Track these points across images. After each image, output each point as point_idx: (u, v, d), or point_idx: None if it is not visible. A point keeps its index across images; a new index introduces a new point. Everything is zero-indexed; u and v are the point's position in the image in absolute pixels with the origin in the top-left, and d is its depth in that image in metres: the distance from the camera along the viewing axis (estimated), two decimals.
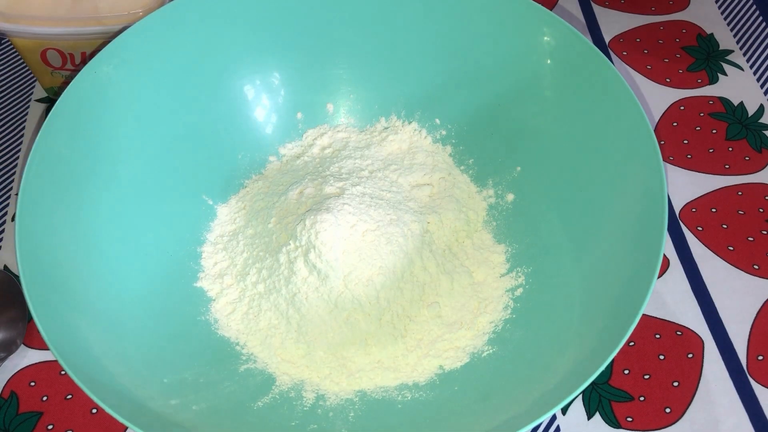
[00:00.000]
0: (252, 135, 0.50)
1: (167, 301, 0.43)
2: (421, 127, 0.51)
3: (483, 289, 0.44)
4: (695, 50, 0.59)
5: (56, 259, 0.38)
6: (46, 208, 0.39)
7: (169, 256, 0.44)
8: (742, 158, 0.53)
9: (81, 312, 0.38)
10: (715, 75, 0.57)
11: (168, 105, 0.46)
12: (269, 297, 0.43)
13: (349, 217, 0.42)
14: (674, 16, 0.61)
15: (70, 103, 0.42)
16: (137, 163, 0.44)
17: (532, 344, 0.40)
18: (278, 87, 0.50)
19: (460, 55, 0.49)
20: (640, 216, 0.39)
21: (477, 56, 0.48)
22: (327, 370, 0.41)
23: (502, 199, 0.48)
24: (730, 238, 0.49)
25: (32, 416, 0.42)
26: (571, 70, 0.45)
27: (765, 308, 0.46)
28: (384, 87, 0.51)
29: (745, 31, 0.60)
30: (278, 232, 0.44)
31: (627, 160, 0.41)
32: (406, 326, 0.42)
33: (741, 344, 0.45)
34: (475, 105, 0.49)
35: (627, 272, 0.38)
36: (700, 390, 0.43)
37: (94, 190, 0.42)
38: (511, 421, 0.34)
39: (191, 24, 0.47)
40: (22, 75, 0.58)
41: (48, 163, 0.40)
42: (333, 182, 0.45)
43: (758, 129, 0.54)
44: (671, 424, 0.42)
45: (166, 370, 0.39)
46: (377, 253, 0.42)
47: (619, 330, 0.35)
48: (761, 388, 0.43)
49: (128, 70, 0.44)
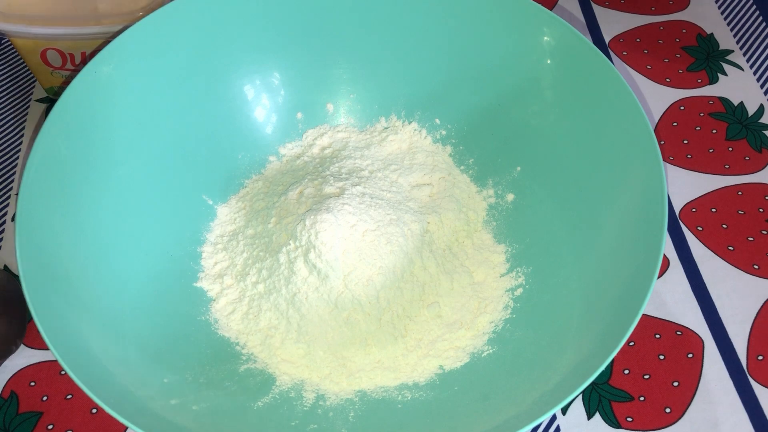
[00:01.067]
0: (252, 135, 0.50)
1: (167, 301, 0.43)
2: (421, 127, 0.51)
3: (483, 289, 0.44)
4: (695, 50, 0.59)
5: (56, 259, 0.38)
6: (46, 209, 0.39)
7: (169, 256, 0.44)
8: (742, 158, 0.53)
9: (81, 312, 0.38)
10: (715, 75, 0.57)
11: (168, 105, 0.46)
12: (269, 297, 0.43)
13: (349, 216, 0.42)
14: (674, 16, 0.61)
15: (70, 103, 0.42)
16: (137, 163, 0.44)
17: (532, 344, 0.40)
18: (278, 87, 0.50)
19: (460, 54, 0.49)
20: (640, 216, 0.39)
21: (477, 56, 0.48)
22: (327, 370, 0.41)
23: (502, 198, 0.48)
24: (730, 238, 0.49)
25: (32, 416, 0.42)
26: (571, 70, 0.45)
27: (765, 308, 0.46)
28: (384, 87, 0.51)
29: (745, 31, 0.60)
30: (278, 232, 0.44)
31: (627, 161, 0.42)
32: (406, 326, 0.42)
33: (741, 344, 0.45)
34: (476, 105, 0.49)
35: (627, 273, 0.38)
36: (700, 390, 0.43)
37: (94, 190, 0.42)
38: (511, 421, 0.34)
39: (191, 24, 0.47)
40: (22, 75, 0.58)
41: (48, 163, 0.40)
42: (333, 182, 0.45)
43: (758, 129, 0.54)
44: (671, 424, 0.42)
45: (167, 370, 0.39)
46: (377, 253, 0.42)
47: (619, 330, 0.35)
48: (761, 388, 0.43)
49: (128, 70, 0.44)
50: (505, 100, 0.48)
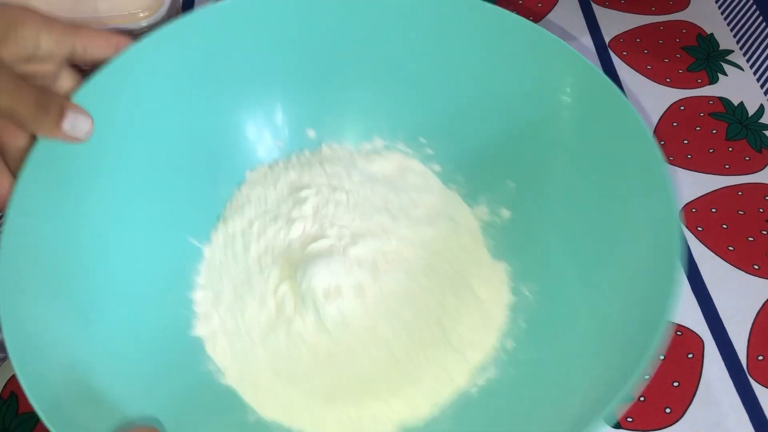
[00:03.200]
0: (226, 165, 0.47)
1: (165, 357, 0.40)
2: (407, 147, 0.49)
3: (489, 307, 0.43)
4: (695, 50, 0.59)
5: (42, 323, 0.36)
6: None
7: (163, 307, 0.42)
8: (742, 158, 0.53)
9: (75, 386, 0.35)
10: (715, 75, 0.57)
11: (147, 146, 0.43)
12: (266, 344, 0.42)
13: (342, 265, 0.42)
14: (674, 16, 0.61)
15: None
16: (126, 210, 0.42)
17: (546, 365, 0.40)
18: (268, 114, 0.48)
19: (471, 81, 0.46)
20: (651, 251, 0.38)
21: (490, 83, 0.46)
22: (335, 422, 0.40)
23: (498, 216, 0.46)
24: (730, 238, 0.49)
25: (32, 416, 0.42)
26: (587, 106, 0.43)
27: (765, 308, 0.46)
28: (374, 108, 0.49)
29: (745, 31, 0.60)
30: (272, 277, 0.43)
31: (638, 194, 0.40)
32: (421, 364, 0.41)
33: (741, 344, 0.45)
34: (483, 136, 0.47)
35: (641, 299, 0.37)
36: (700, 390, 0.43)
37: (77, 248, 0.39)
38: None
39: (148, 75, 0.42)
40: None
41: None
42: (325, 220, 0.44)
43: (758, 129, 0.54)
44: (671, 424, 0.42)
45: (179, 428, 0.37)
46: (379, 295, 0.42)
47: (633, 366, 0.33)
48: (761, 388, 0.43)
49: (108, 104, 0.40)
50: (515, 132, 0.46)
